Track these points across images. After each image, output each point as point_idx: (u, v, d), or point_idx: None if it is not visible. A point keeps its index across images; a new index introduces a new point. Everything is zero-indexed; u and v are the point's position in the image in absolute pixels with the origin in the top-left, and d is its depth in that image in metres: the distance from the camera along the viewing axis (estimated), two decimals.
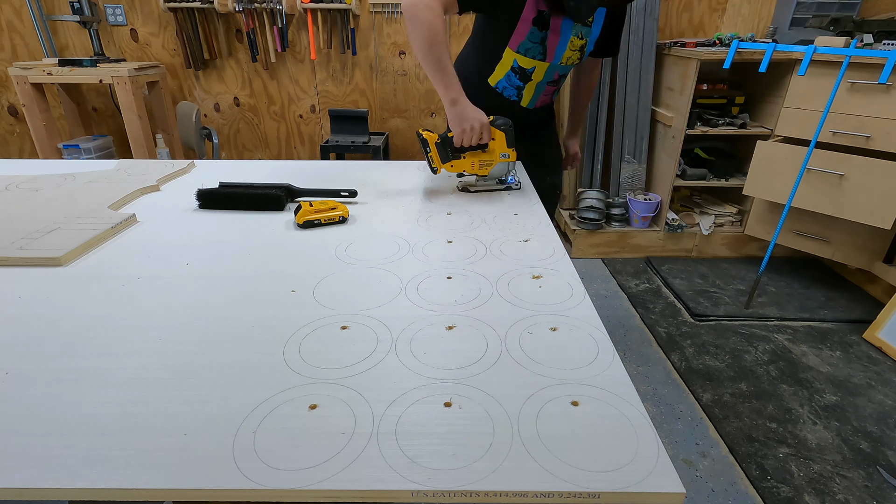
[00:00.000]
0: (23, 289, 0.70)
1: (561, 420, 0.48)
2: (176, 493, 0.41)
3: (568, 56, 1.23)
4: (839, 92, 2.01)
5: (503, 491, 0.41)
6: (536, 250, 0.85)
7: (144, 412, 0.48)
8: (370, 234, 0.91)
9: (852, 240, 2.23)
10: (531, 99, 1.33)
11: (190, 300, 0.68)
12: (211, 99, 2.94)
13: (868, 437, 1.53)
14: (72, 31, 2.76)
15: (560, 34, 1.19)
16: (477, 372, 0.55)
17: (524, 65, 1.24)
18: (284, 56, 2.82)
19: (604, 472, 0.42)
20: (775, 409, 1.65)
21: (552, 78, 1.29)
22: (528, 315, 0.66)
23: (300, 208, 0.94)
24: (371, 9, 2.73)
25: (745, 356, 1.92)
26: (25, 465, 0.42)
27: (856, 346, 1.98)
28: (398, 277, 0.75)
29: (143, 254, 0.82)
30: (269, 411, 0.49)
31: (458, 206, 1.05)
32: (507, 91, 1.31)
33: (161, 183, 1.15)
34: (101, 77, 2.41)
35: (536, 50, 1.20)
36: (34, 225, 0.88)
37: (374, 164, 1.40)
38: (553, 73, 1.28)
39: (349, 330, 0.62)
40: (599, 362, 0.57)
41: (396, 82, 2.92)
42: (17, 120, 2.92)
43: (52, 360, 0.56)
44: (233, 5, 2.60)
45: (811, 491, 1.35)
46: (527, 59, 1.22)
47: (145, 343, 0.59)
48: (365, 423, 0.47)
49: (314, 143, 3.06)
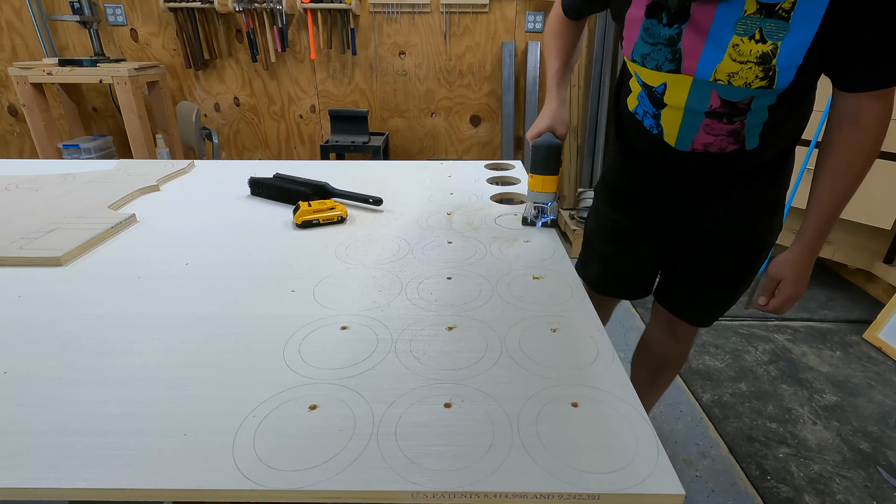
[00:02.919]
0: (23, 289, 0.70)
1: (561, 421, 0.48)
2: (176, 493, 0.41)
3: (731, 70, 0.72)
4: None
5: (503, 492, 0.41)
6: (536, 251, 0.85)
7: (144, 412, 0.48)
8: (370, 234, 0.91)
9: (852, 240, 2.23)
10: (678, 135, 0.84)
11: (190, 300, 0.68)
12: (211, 99, 2.94)
13: (868, 438, 1.53)
14: (72, 31, 2.76)
15: (707, 32, 0.71)
16: (477, 373, 0.55)
17: (648, 80, 0.82)
18: (284, 56, 2.82)
19: (603, 474, 0.42)
20: (775, 409, 1.65)
21: (708, 106, 0.78)
22: (528, 316, 0.66)
23: (298, 208, 0.94)
24: (371, 9, 2.73)
25: (745, 356, 1.92)
26: (25, 465, 0.42)
27: (856, 347, 1.98)
28: (398, 278, 0.75)
29: (143, 254, 0.82)
30: (269, 411, 0.49)
31: (459, 207, 1.05)
32: (646, 120, 0.88)
33: (161, 183, 1.15)
34: (101, 77, 2.42)
35: (661, 56, 0.77)
36: (34, 225, 0.88)
37: (374, 164, 1.40)
38: (707, 95, 0.76)
39: (349, 330, 0.62)
40: (599, 363, 0.57)
41: (396, 82, 2.92)
42: (17, 120, 2.92)
43: (52, 360, 0.56)
44: (233, 5, 2.60)
45: (811, 491, 1.35)
46: (649, 72, 0.80)
47: (145, 343, 0.59)
48: (365, 424, 0.47)
49: (314, 143, 3.06)
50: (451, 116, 3.02)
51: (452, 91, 2.95)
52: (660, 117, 0.84)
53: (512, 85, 2.90)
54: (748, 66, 0.71)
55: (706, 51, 0.72)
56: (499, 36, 2.81)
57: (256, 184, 1.10)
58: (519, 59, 2.91)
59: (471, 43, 2.82)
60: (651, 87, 0.82)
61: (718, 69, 0.72)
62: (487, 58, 2.86)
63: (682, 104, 0.79)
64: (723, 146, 0.82)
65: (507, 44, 2.82)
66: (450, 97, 2.97)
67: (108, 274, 0.75)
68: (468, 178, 1.24)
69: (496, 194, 1.11)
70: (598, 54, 2.65)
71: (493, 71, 2.89)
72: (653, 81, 0.81)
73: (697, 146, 0.84)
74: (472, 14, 2.75)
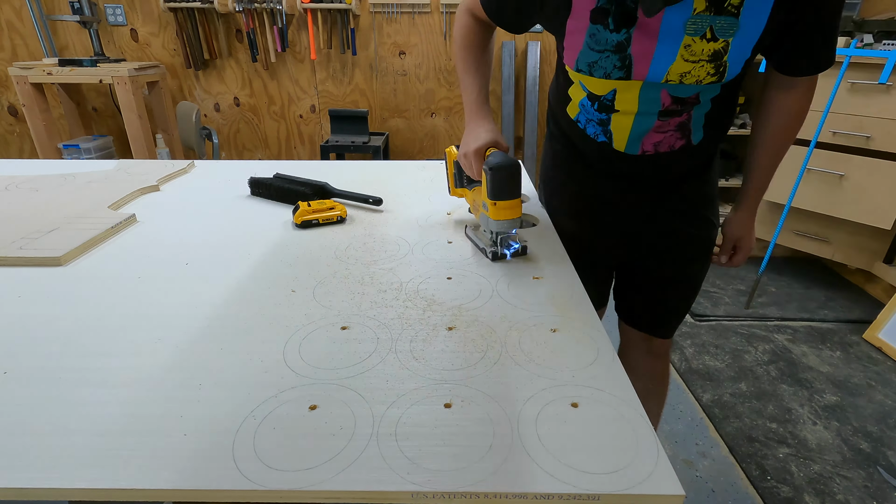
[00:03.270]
0: (23, 289, 0.70)
1: (561, 421, 0.48)
2: (176, 493, 0.41)
3: (683, 70, 0.72)
4: (839, 92, 2.01)
5: (503, 492, 0.41)
6: (536, 251, 0.85)
7: (144, 412, 0.48)
8: (370, 234, 0.91)
9: (852, 240, 2.23)
10: (629, 140, 0.84)
11: (190, 300, 0.68)
12: (211, 99, 2.94)
13: (868, 438, 1.53)
14: (72, 31, 2.76)
15: (657, 35, 0.70)
16: (477, 373, 0.55)
17: (594, 89, 0.81)
18: (284, 56, 2.83)
19: (603, 474, 0.42)
20: (775, 409, 1.65)
21: (661, 106, 0.79)
22: (528, 315, 0.66)
23: (298, 208, 0.94)
24: (371, 9, 2.73)
25: (745, 356, 1.92)
26: (25, 465, 0.42)
27: (856, 347, 1.98)
28: (398, 278, 0.75)
29: (143, 254, 0.82)
30: (269, 411, 0.48)
31: (459, 207, 1.05)
32: (589, 128, 0.88)
33: (161, 183, 1.15)
34: (101, 77, 2.42)
35: (610, 63, 0.75)
36: (34, 225, 0.87)
37: (374, 164, 1.40)
38: (658, 96, 0.77)
39: (349, 330, 0.62)
40: (599, 363, 0.57)
41: (396, 82, 2.92)
42: (17, 120, 2.92)
43: (52, 360, 0.56)
44: (233, 5, 2.60)
45: (811, 491, 1.35)
46: (596, 81, 0.78)
47: (145, 343, 0.59)
48: (365, 424, 0.47)
49: (314, 143, 3.06)
50: (451, 116, 3.02)
51: (452, 91, 2.95)
52: (608, 123, 0.84)
53: (512, 85, 2.90)
54: (700, 65, 0.72)
55: (657, 54, 0.71)
56: (499, 36, 2.81)
57: (256, 184, 1.10)
58: (519, 60, 2.91)
59: None
60: (598, 96, 0.81)
61: (671, 71, 0.73)
62: None
63: (634, 109, 0.79)
64: (671, 143, 0.84)
65: (507, 44, 2.82)
66: (450, 97, 2.97)
67: (108, 274, 0.75)
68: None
69: None
70: None
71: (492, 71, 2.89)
72: (600, 90, 0.80)
73: (647, 147, 0.85)
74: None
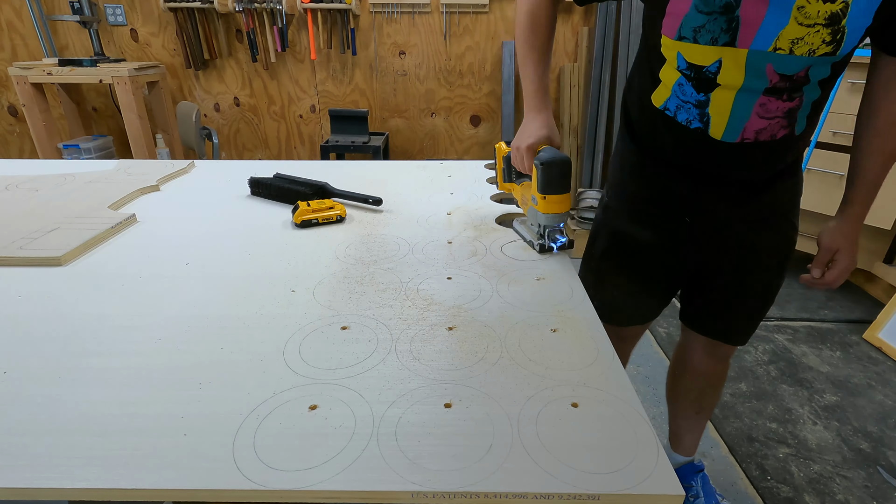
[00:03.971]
0: (23, 288, 0.70)
1: (561, 421, 0.48)
2: (176, 493, 0.41)
3: (795, 35, 0.64)
4: (839, 92, 2.01)
5: (503, 492, 0.41)
6: (537, 251, 0.85)
7: (144, 412, 0.48)
8: (370, 234, 0.91)
9: None
10: (728, 124, 0.75)
11: (190, 300, 0.68)
12: (211, 99, 2.94)
13: (868, 438, 1.53)
14: (72, 31, 2.76)
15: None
16: (477, 373, 0.55)
17: (697, 59, 0.72)
18: (284, 56, 2.82)
19: (603, 474, 0.42)
20: (775, 409, 1.65)
21: (768, 82, 0.70)
22: (528, 316, 0.66)
23: (298, 208, 0.94)
24: (371, 9, 2.73)
25: (745, 356, 1.91)
26: (25, 465, 0.42)
27: (856, 347, 1.98)
28: (398, 277, 0.75)
29: (143, 254, 0.82)
30: (269, 411, 0.48)
31: (459, 208, 1.05)
32: (681, 114, 0.78)
33: (161, 183, 1.15)
34: (101, 77, 2.41)
35: (717, 27, 0.67)
36: (34, 225, 0.87)
37: (374, 164, 1.40)
38: (763, 70, 0.69)
39: (349, 330, 0.62)
40: (599, 363, 0.57)
41: (396, 82, 2.91)
42: (17, 120, 2.92)
43: (52, 360, 0.56)
44: (233, 5, 2.60)
45: (811, 491, 1.35)
46: (699, 49, 0.70)
47: (145, 343, 0.59)
48: (365, 424, 0.47)
49: (314, 143, 3.06)
50: (451, 116, 3.02)
51: (452, 91, 2.95)
52: (706, 105, 0.75)
53: (512, 85, 2.90)
54: (815, 30, 0.64)
55: (769, 16, 0.64)
56: (499, 36, 2.81)
57: (256, 184, 1.10)
58: None
59: (471, 43, 2.82)
60: (701, 68, 0.72)
61: (781, 36, 0.65)
62: (487, 58, 2.85)
63: (739, 83, 0.71)
64: (774, 131, 0.76)
65: (508, 44, 2.82)
66: (450, 97, 2.97)
67: (108, 274, 0.75)
68: (468, 178, 1.24)
69: (496, 194, 1.11)
70: (598, 54, 2.65)
71: (492, 71, 2.89)
72: (704, 60, 0.71)
73: (748, 134, 0.75)
74: (472, 14, 2.75)
